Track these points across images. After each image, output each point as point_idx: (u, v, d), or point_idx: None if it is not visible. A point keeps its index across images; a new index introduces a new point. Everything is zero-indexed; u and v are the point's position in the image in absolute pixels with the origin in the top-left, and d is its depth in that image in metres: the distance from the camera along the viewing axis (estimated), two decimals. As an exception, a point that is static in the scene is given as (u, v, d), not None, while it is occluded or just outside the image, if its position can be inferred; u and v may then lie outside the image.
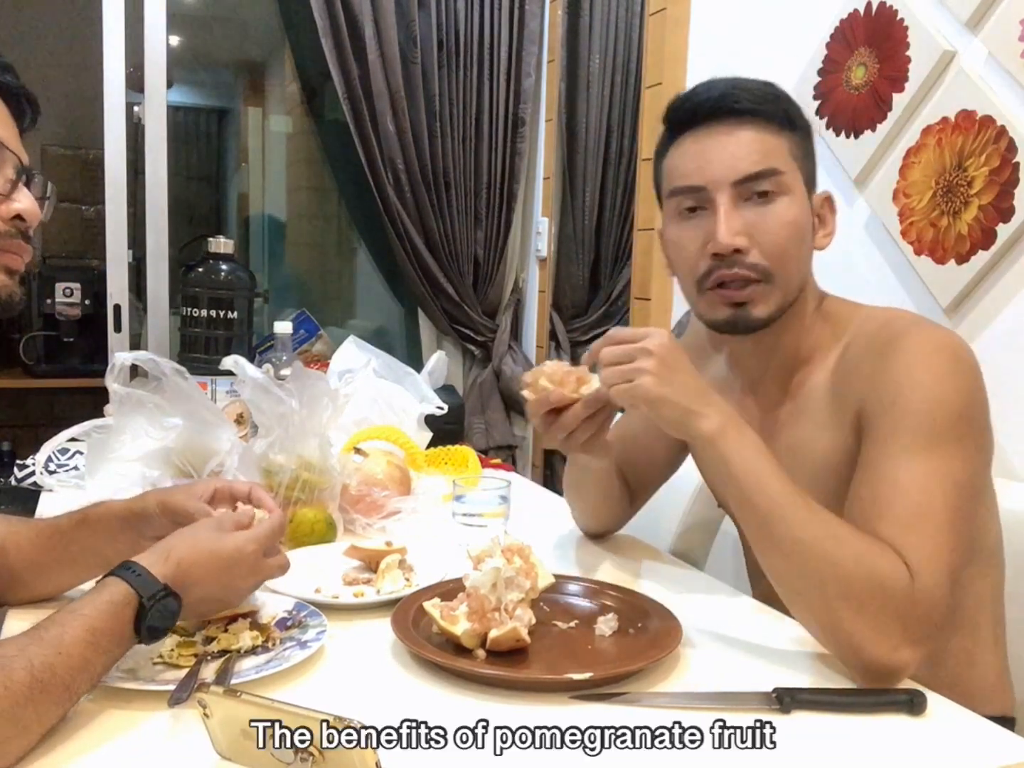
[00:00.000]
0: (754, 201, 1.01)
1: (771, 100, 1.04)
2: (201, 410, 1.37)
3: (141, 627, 0.79)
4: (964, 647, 1.06)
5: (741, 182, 1.01)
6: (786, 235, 1.01)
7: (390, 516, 1.34)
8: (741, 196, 1.01)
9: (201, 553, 0.85)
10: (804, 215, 1.04)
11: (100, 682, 0.78)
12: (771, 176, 1.01)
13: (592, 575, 1.16)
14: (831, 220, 1.09)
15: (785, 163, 1.02)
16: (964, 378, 0.95)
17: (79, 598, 0.78)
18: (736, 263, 1.01)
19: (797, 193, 1.03)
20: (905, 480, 0.90)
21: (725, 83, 1.05)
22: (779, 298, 1.03)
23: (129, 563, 0.82)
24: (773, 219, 1.01)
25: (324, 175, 3.46)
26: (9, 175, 0.89)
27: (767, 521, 0.90)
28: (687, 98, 1.06)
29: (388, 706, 0.81)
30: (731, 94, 1.03)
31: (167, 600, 0.80)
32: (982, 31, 1.49)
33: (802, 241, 1.04)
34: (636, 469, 1.30)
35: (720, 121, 1.02)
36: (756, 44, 1.99)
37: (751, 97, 1.03)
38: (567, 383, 1.01)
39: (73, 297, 2.99)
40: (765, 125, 1.02)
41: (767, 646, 0.97)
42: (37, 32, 3.20)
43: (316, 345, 2.89)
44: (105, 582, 0.80)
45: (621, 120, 2.89)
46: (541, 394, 1.01)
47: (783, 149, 1.03)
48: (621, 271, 2.91)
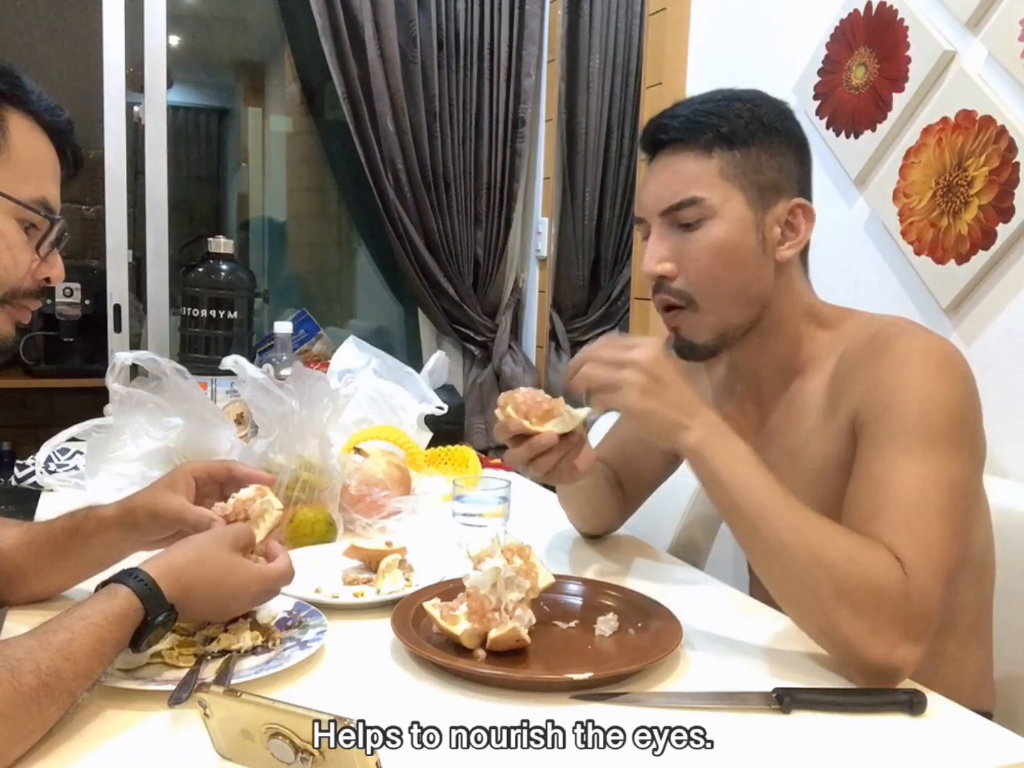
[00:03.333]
0: (679, 229, 1.04)
1: (697, 124, 1.04)
2: (201, 410, 1.36)
3: (139, 641, 0.79)
4: (956, 649, 1.06)
5: (665, 212, 1.04)
6: (710, 259, 1.03)
7: (390, 516, 1.34)
8: (670, 224, 1.05)
9: (208, 584, 0.85)
10: (738, 235, 1.03)
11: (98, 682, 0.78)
12: (690, 205, 1.03)
13: (592, 575, 1.16)
14: (804, 227, 1.06)
15: (709, 188, 1.02)
16: (957, 383, 0.96)
17: (87, 601, 0.78)
18: (661, 289, 1.06)
19: (727, 215, 1.02)
20: (900, 481, 0.91)
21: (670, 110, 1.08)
22: (713, 322, 1.05)
23: (141, 574, 0.81)
24: (695, 245, 1.03)
25: (324, 175, 3.46)
26: (51, 240, 0.91)
27: (757, 527, 0.91)
28: (648, 124, 1.10)
29: (388, 706, 0.81)
30: (662, 125, 1.07)
31: (168, 618, 0.81)
32: (982, 31, 1.49)
33: (736, 261, 1.03)
34: (632, 471, 1.30)
35: (661, 151, 1.07)
36: (756, 44, 1.99)
37: (679, 124, 1.05)
38: (534, 414, 1.02)
39: (73, 297, 2.99)
40: (689, 151, 1.04)
41: (767, 646, 0.97)
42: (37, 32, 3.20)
43: (316, 345, 2.90)
44: (117, 591, 0.79)
45: (621, 120, 2.89)
46: (505, 420, 1.02)
47: (709, 173, 1.03)
48: (621, 271, 2.91)
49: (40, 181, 0.90)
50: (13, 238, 0.88)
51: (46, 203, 0.90)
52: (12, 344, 0.92)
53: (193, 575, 0.84)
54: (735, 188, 1.03)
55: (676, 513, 1.57)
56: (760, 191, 1.04)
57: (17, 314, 0.91)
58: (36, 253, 0.89)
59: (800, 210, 1.06)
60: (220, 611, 0.90)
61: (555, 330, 2.97)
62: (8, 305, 0.90)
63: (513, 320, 3.05)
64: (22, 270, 0.89)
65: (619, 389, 0.95)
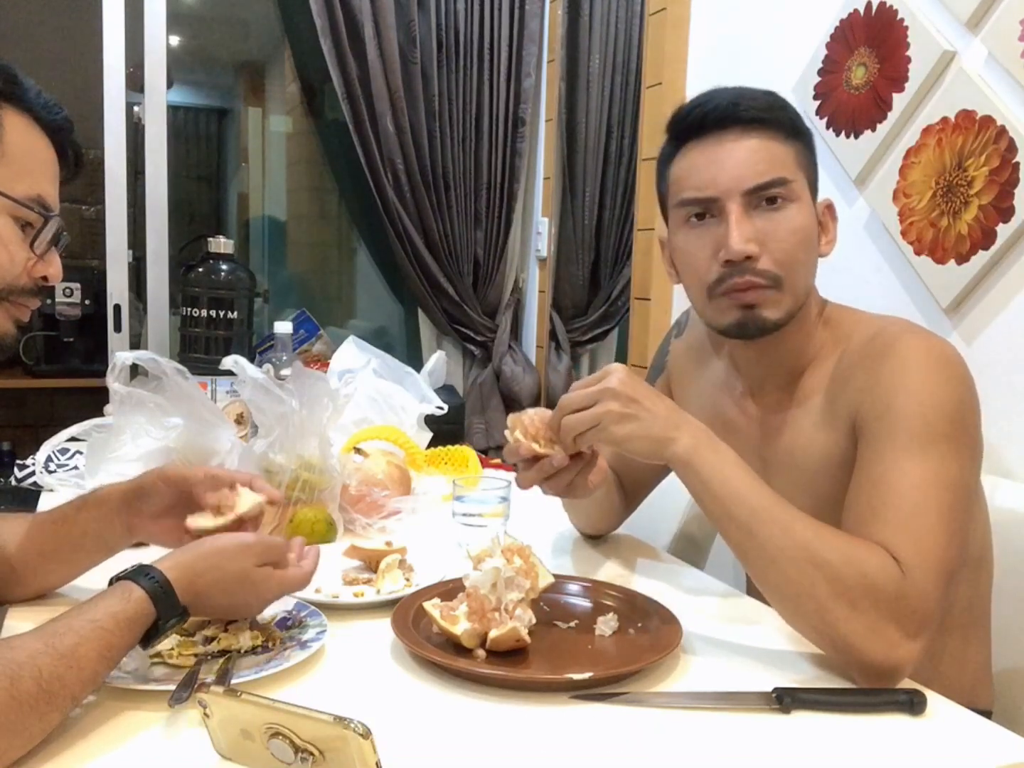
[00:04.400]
0: (764, 208, 1.02)
1: (777, 109, 1.05)
2: (201, 410, 1.36)
3: (148, 643, 0.79)
4: (955, 647, 1.07)
5: (752, 191, 1.02)
6: (795, 242, 1.02)
7: (390, 516, 1.34)
8: (751, 204, 1.02)
9: (222, 591, 0.85)
10: (811, 222, 1.05)
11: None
12: (781, 185, 1.02)
13: (592, 575, 1.17)
14: (832, 227, 1.10)
15: (792, 171, 1.03)
16: (957, 384, 0.96)
17: (98, 601, 0.77)
18: (747, 270, 1.02)
19: (804, 201, 1.04)
20: (899, 481, 0.91)
21: (730, 93, 1.05)
22: (789, 303, 1.04)
23: (155, 573, 0.80)
24: (783, 226, 1.02)
25: (324, 175, 3.46)
26: (47, 238, 0.90)
27: (750, 533, 0.91)
28: (693, 107, 1.06)
29: (388, 706, 0.82)
30: (738, 103, 1.04)
31: (180, 621, 0.81)
32: (982, 31, 1.49)
33: (810, 247, 1.05)
34: (632, 471, 1.30)
35: (727, 131, 1.03)
36: (756, 44, 1.99)
37: (757, 106, 1.03)
38: (542, 436, 1.01)
39: (73, 297, 2.99)
40: (772, 134, 1.03)
41: (767, 646, 0.97)
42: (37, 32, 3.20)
43: (316, 345, 2.90)
44: (131, 592, 0.78)
45: (621, 120, 2.89)
46: (515, 444, 1.02)
47: (790, 157, 1.04)
48: (621, 271, 2.92)
49: (36, 179, 0.89)
50: (8, 235, 0.87)
51: (42, 201, 0.89)
52: (12, 342, 0.92)
53: (209, 580, 0.84)
54: (804, 177, 1.05)
55: (676, 513, 1.58)
56: (811, 185, 1.07)
57: (16, 312, 0.91)
58: (32, 251, 0.89)
59: (828, 210, 1.09)
60: (229, 615, 0.90)
61: (555, 330, 2.98)
62: (6, 302, 0.89)
63: (513, 320, 3.05)
64: (18, 267, 0.89)
65: (598, 424, 0.95)
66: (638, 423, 0.94)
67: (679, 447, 0.94)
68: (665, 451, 0.95)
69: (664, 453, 0.95)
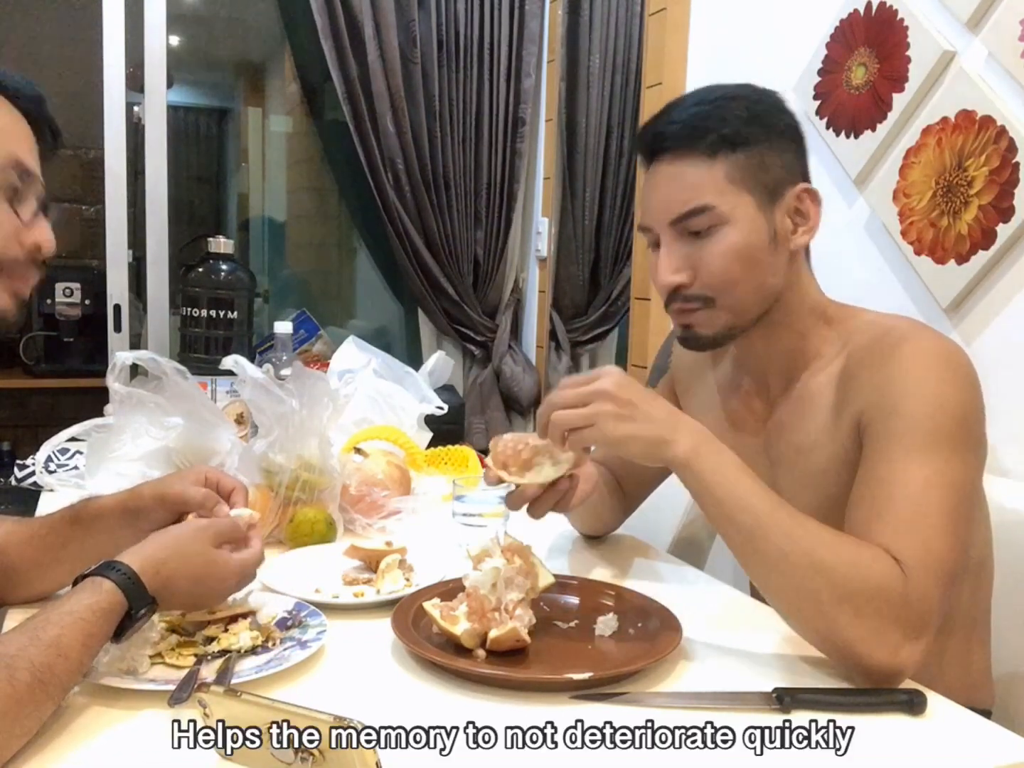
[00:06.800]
0: (690, 237, 1.03)
1: (698, 129, 1.01)
2: (201, 410, 1.36)
3: (121, 634, 0.80)
4: (956, 648, 1.07)
5: (675, 222, 1.03)
6: (726, 263, 1.02)
7: (390, 516, 1.34)
8: (680, 232, 1.03)
9: (187, 577, 0.86)
10: (752, 235, 1.02)
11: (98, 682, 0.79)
12: (699, 213, 1.01)
13: (592, 575, 1.16)
14: (814, 213, 1.05)
15: (716, 194, 1.00)
16: (963, 385, 0.96)
17: (70, 596, 0.78)
18: (678, 297, 1.05)
19: (739, 217, 1.01)
20: (903, 483, 0.91)
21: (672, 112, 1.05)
22: (726, 319, 1.05)
23: (122, 567, 0.81)
24: (710, 251, 1.02)
25: (324, 175, 3.46)
26: (32, 206, 0.90)
27: (753, 536, 0.90)
28: (643, 129, 1.08)
29: (388, 706, 0.82)
30: (659, 132, 1.04)
31: (150, 611, 0.82)
32: (982, 31, 1.49)
33: (751, 262, 1.02)
34: (631, 472, 1.30)
35: (659, 157, 1.04)
36: (756, 44, 1.99)
37: (678, 130, 1.02)
38: (513, 463, 0.99)
39: (73, 297, 2.99)
40: (695, 158, 1.01)
41: (767, 646, 0.97)
42: (37, 32, 3.20)
43: (316, 345, 2.90)
44: (100, 585, 0.79)
45: (621, 120, 2.89)
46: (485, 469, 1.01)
47: (715, 178, 1.01)
48: (621, 271, 2.91)
49: (11, 148, 0.88)
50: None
51: (20, 166, 0.88)
52: (12, 319, 0.91)
53: (173, 568, 0.85)
54: (743, 191, 1.01)
55: (676, 513, 1.57)
56: (767, 190, 1.02)
57: (14, 285, 0.90)
58: (18, 218, 0.89)
59: (806, 195, 1.05)
60: (198, 603, 0.91)
61: (555, 330, 2.97)
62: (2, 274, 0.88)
63: (513, 320, 3.05)
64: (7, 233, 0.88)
65: (592, 423, 0.92)
66: (635, 424, 0.92)
67: (678, 449, 0.93)
68: (664, 453, 0.93)
69: (663, 455, 0.93)
